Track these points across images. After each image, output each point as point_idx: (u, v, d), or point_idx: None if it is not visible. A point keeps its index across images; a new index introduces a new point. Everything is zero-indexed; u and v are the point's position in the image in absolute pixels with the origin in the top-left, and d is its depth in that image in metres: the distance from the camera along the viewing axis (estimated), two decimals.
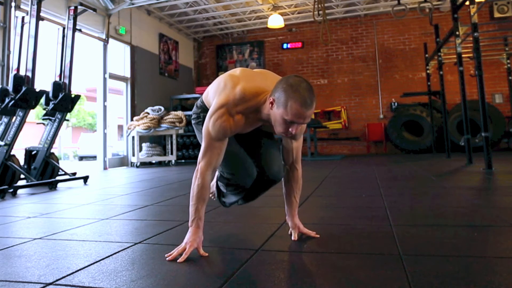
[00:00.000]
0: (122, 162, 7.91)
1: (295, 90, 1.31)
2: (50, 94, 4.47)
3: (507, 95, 8.52)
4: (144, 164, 7.87)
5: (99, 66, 7.25)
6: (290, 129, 1.37)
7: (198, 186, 1.45)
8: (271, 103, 1.36)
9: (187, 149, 8.54)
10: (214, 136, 1.44)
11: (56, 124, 4.58)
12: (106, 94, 7.24)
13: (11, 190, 3.65)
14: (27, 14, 4.38)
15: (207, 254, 1.44)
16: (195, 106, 1.74)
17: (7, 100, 4.01)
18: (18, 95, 3.97)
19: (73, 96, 4.69)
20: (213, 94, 1.55)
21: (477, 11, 4.54)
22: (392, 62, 9.41)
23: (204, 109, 1.65)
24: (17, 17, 4.57)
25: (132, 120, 7.85)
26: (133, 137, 7.70)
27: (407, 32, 9.36)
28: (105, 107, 7.20)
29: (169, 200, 3.02)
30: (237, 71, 1.55)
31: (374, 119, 9.44)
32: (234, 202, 1.84)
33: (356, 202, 2.63)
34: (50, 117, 4.59)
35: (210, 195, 1.88)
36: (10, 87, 4.05)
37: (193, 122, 1.74)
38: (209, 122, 1.44)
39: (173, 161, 7.90)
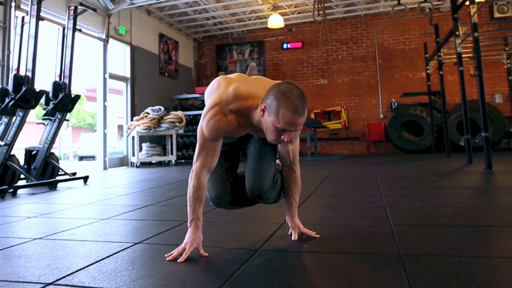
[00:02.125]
0: (122, 162, 7.91)
1: (287, 98, 1.29)
2: (50, 94, 4.47)
3: (507, 95, 8.52)
4: (144, 164, 7.87)
5: (99, 66, 7.25)
6: (282, 137, 1.35)
7: (194, 187, 1.45)
8: (263, 110, 1.35)
9: (187, 149, 8.54)
10: (208, 136, 1.43)
11: (56, 124, 4.58)
12: (106, 94, 7.23)
13: (11, 190, 3.65)
14: (27, 14, 4.38)
15: (207, 254, 1.44)
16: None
17: (7, 100, 4.01)
18: (18, 95, 3.97)
19: (73, 96, 4.68)
20: (206, 96, 1.56)
21: (477, 11, 4.54)
22: (392, 62, 9.41)
23: None
24: (17, 17, 4.57)
25: (132, 120, 7.85)
26: (133, 137, 7.70)
27: (407, 32, 9.35)
28: (105, 107, 7.20)
29: (169, 200, 3.02)
30: (232, 74, 1.56)
31: (374, 119, 9.43)
32: None
33: (356, 202, 2.63)
34: (50, 117, 4.59)
35: None
36: (10, 87, 4.05)
37: None
38: (202, 122, 1.44)
39: (173, 161, 7.90)
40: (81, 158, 15.94)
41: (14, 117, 4.15)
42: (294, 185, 1.68)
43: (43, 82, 4.94)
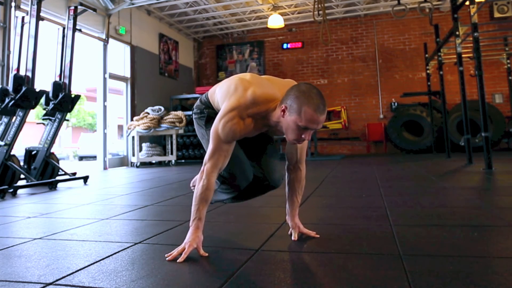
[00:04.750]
0: (122, 162, 7.91)
1: (308, 96, 1.34)
2: (50, 94, 4.47)
3: (507, 95, 8.52)
4: (144, 164, 7.87)
5: (99, 66, 7.25)
6: (302, 136, 1.38)
7: (203, 187, 1.45)
8: (283, 110, 1.38)
9: (187, 149, 8.54)
10: (224, 139, 1.44)
11: (56, 124, 4.58)
12: (106, 94, 7.23)
13: (11, 190, 3.65)
14: (27, 14, 4.38)
15: (207, 254, 1.44)
16: (198, 101, 1.74)
17: (7, 100, 4.01)
18: (18, 95, 3.97)
19: (73, 96, 4.69)
20: (222, 96, 1.53)
21: (477, 11, 4.54)
22: (392, 62, 9.41)
23: (208, 105, 1.66)
24: (17, 17, 4.57)
25: (132, 120, 7.85)
26: (133, 137, 7.70)
27: (407, 32, 9.35)
28: (105, 107, 7.20)
29: (169, 200, 3.02)
30: (246, 75, 1.55)
31: (374, 119, 9.43)
32: (221, 200, 1.82)
33: (356, 202, 2.63)
34: (50, 117, 4.59)
35: (192, 187, 1.92)
36: (10, 87, 4.05)
37: (194, 116, 1.73)
38: (218, 124, 1.44)
39: (173, 161, 7.90)
40: (81, 158, 15.96)
41: (14, 117, 4.15)
42: (298, 184, 1.70)
43: (43, 82, 4.94)
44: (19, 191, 3.86)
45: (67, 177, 4.60)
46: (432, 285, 1.09)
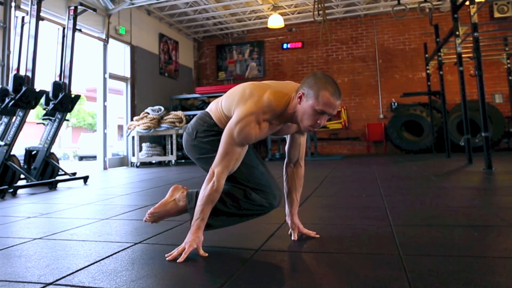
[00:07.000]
0: (122, 162, 7.91)
1: (325, 82, 1.40)
2: (50, 94, 4.47)
3: (507, 95, 8.52)
4: (144, 164, 7.87)
5: (99, 66, 7.25)
6: (318, 121, 1.41)
7: (212, 188, 1.44)
8: (300, 97, 1.41)
9: None
10: (238, 142, 1.43)
11: (56, 124, 4.58)
12: (106, 94, 7.24)
13: (11, 190, 3.65)
14: (27, 14, 4.38)
15: (207, 254, 1.44)
16: (198, 120, 1.61)
17: (7, 100, 4.01)
18: (18, 95, 3.97)
19: (73, 96, 4.69)
20: (234, 101, 1.49)
21: (477, 11, 4.54)
22: (392, 62, 9.41)
23: (215, 123, 1.57)
24: (17, 17, 4.57)
25: (132, 120, 7.85)
26: (133, 137, 7.70)
27: (407, 32, 9.35)
28: (105, 107, 7.20)
29: None
30: (254, 83, 1.54)
31: (374, 119, 9.43)
32: (222, 225, 1.67)
33: (356, 202, 2.63)
34: (50, 117, 4.59)
35: (149, 216, 1.72)
36: (10, 87, 4.05)
37: (206, 139, 1.57)
38: (234, 128, 1.42)
39: (173, 161, 7.90)
40: (81, 158, 15.96)
41: (14, 117, 4.15)
42: (299, 181, 1.70)
43: (43, 82, 4.94)
44: (19, 191, 3.86)
45: (67, 177, 4.60)
46: (432, 285, 1.09)
